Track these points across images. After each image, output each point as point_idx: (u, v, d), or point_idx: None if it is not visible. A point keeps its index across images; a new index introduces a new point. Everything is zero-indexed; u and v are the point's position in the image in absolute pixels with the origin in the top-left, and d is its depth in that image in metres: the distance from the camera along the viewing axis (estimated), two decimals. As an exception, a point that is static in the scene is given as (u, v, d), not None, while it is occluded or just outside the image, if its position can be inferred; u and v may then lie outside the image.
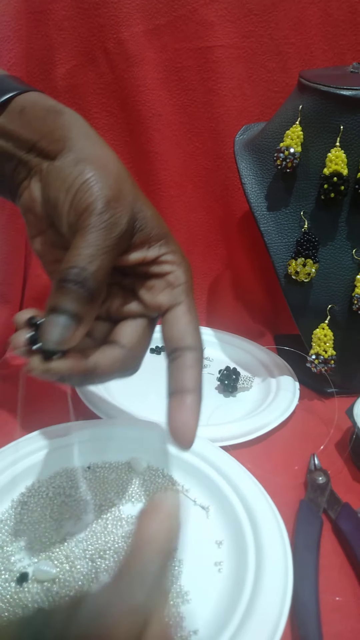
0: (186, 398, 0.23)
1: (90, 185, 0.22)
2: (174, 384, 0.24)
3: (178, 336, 0.24)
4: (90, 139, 0.25)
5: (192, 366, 0.24)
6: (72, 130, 0.25)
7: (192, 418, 0.23)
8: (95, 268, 0.21)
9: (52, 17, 0.49)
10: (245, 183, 0.45)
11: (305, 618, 0.26)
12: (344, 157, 0.41)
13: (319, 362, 0.43)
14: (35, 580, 0.28)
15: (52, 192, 0.24)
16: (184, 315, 0.25)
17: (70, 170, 0.23)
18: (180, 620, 0.26)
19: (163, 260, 0.25)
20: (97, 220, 0.22)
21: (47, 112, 0.25)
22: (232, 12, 0.51)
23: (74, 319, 0.21)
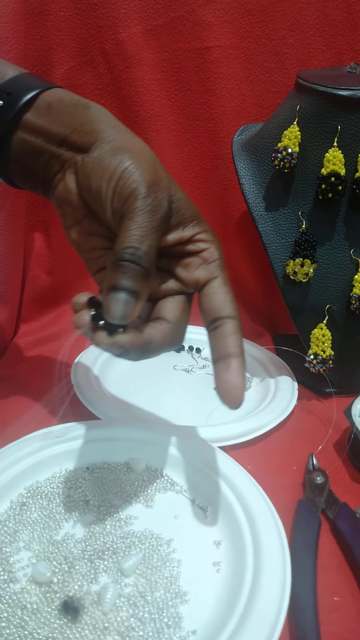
0: (232, 361, 0.25)
1: (132, 172, 0.24)
2: (218, 350, 0.26)
3: (218, 307, 0.26)
4: (120, 129, 0.26)
5: (234, 333, 0.26)
6: (101, 123, 0.26)
7: (240, 379, 0.25)
8: (147, 247, 0.23)
9: (50, 18, 0.49)
10: (243, 183, 0.45)
11: (303, 618, 0.26)
12: (341, 157, 0.41)
13: (318, 362, 0.43)
14: (33, 581, 0.28)
15: (93, 182, 0.25)
16: (221, 287, 0.27)
17: (110, 160, 0.25)
18: (179, 621, 0.26)
19: (197, 239, 0.27)
20: (142, 203, 0.24)
21: (75, 106, 0.26)
22: (230, 12, 0.51)
23: (133, 295, 0.23)
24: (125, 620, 0.26)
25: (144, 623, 0.26)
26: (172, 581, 0.28)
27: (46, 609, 0.26)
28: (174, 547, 0.30)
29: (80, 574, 0.28)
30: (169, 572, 0.29)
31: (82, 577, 0.28)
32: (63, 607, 0.26)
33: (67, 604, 0.26)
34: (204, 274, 0.27)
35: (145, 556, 0.30)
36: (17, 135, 0.27)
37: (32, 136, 0.27)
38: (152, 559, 0.29)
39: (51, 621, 0.26)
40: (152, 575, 0.28)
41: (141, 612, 0.26)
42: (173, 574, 0.29)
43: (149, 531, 0.31)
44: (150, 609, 0.27)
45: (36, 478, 0.34)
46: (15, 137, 0.27)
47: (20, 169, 0.28)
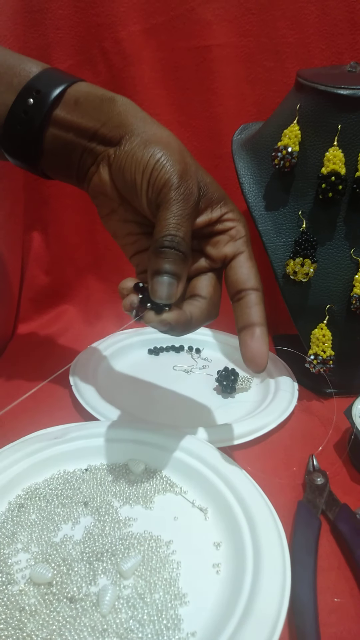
0: (256, 329, 0.28)
1: (163, 164, 0.26)
2: (243, 320, 0.28)
3: (243, 279, 0.28)
4: (147, 121, 0.28)
5: (258, 303, 0.28)
6: (129, 115, 0.27)
7: (263, 346, 0.27)
8: (183, 233, 0.26)
9: (49, 17, 0.49)
10: (243, 182, 0.45)
11: (303, 619, 0.26)
12: (341, 156, 0.41)
13: (318, 363, 0.43)
14: (31, 583, 0.27)
15: (128, 174, 0.27)
16: (247, 261, 0.29)
17: (142, 153, 0.26)
18: (178, 622, 0.26)
19: (225, 219, 0.29)
20: (176, 193, 0.25)
21: (101, 100, 0.28)
22: (230, 11, 0.51)
23: (175, 277, 0.25)
24: (124, 622, 0.26)
25: (143, 625, 0.26)
26: (172, 583, 0.28)
27: (45, 610, 0.26)
28: (174, 549, 0.30)
29: (79, 575, 0.28)
30: (168, 573, 0.29)
31: (80, 578, 0.28)
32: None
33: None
34: (231, 250, 0.29)
35: (145, 558, 0.29)
36: (50, 131, 0.28)
37: (63, 131, 0.28)
38: (151, 560, 0.29)
39: (50, 623, 0.25)
40: (151, 577, 0.28)
41: (140, 614, 0.26)
42: (172, 576, 0.28)
43: (148, 533, 0.31)
44: (150, 610, 0.26)
45: (34, 479, 0.34)
46: (47, 134, 0.28)
47: (54, 162, 0.29)
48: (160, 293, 0.25)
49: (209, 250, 0.30)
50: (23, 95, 0.28)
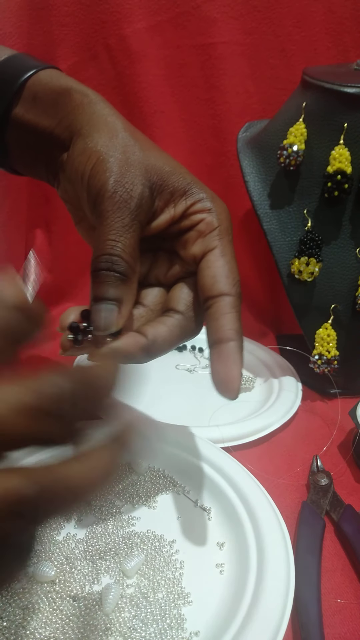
0: (225, 348, 0.22)
1: (97, 170, 0.22)
2: (212, 334, 0.23)
3: (210, 283, 0.23)
4: (97, 114, 0.24)
5: (227, 312, 0.23)
6: (81, 112, 0.24)
7: (234, 367, 0.22)
8: (119, 250, 0.22)
9: (53, 13, 0.49)
10: (248, 181, 0.45)
11: (307, 620, 0.26)
12: (347, 154, 0.40)
13: (322, 363, 0.43)
14: (34, 581, 0.27)
15: (72, 183, 0.24)
16: (217, 259, 0.23)
17: (80, 159, 0.23)
18: (182, 622, 0.26)
19: (192, 212, 0.24)
20: (109, 202, 0.22)
21: (58, 95, 0.24)
22: (235, 8, 0.50)
23: (114, 302, 0.22)
24: (127, 621, 0.26)
25: (146, 624, 0.26)
26: (175, 582, 0.28)
27: (47, 609, 0.26)
28: (177, 548, 0.30)
29: (82, 574, 0.28)
30: (171, 573, 0.29)
31: (83, 577, 0.28)
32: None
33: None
34: (199, 248, 0.24)
35: (148, 557, 0.29)
36: (10, 133, 0.25)
37: (24, 133, 0.25)
38: (154, 560, 0.29)
39: (53, 621, 0.25)
40: (154, 576, 0.28)
41: (143, 613, 0.26)
42: (176, 575, 0.28)
43: (151, 532, 0.31)
44: (153, 609, 0.26)
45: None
46: (8, 135, 0.25)
47: (22, 162, 0.27)
48: (97, 322, 0.22)
49: (179, 251, 0.25)
50: None
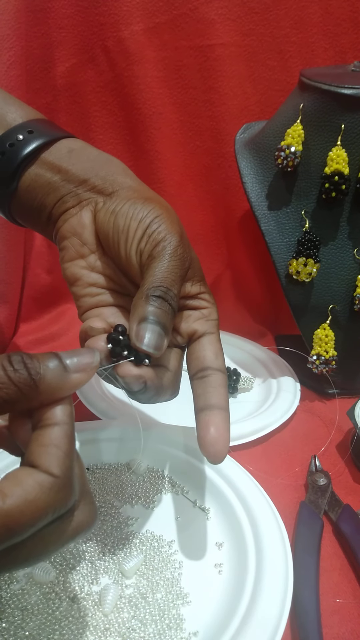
0: (217, 414, 0.25)
1: (164, 220, 0.26)
2: (204, 399, 0.25)
3: (210, 357, 0.26)
4: (141, 183, 0.28)
5: (222, 385, 0.26)
6: (125, 176, 0.28)
7: (225, 432, 0.24)
8: (176, 291, 0.25)
9: (51, 16, 0.49)
10: (246, 182, 0.45)
11: (305, 620, 0.26)
12: (345, 156, 0.40)
13: (320, 363, 0.43)
14: (33, 582, 0.27)
15: (122, 220, 0.26)
16: (216, 342, 0.27)
17: (142, 205, 0.26)
18: (180, 622, 0.26)
19: (201, 297, 0.28)
20: (174, 251, 0.25)
21: (97, 155, 0.29)
22: (233, 10, 0.51)
23: (164, 329, 0.23)
24: (126, 621, 0.26)
25: (145, 624, 0.26)
26: (174, 582, 0.28)
27: (47, 610, 0.26)
28: (175, 549, 0.30)
29: (81, 574, 0.28)
30: (170, 573, 0.29)
31: (82, 578, 0.28)
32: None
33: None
34: (202, 327, 0.27)
35: (147, 557, 0.29)
36: (32, 169, 0.28)
37: (50, 173, 0.28)
38: (153, 560, 0.29)
39: (52, 622, 0.25)
40: (153, 577, 0.28)
41: (142, 614, 0.26)
42: (174, 576, 0.28)
43: (150, 532, 0.31)
44: (152, 610, 0.26)
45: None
46: (29, 171, 0.28)
47: (25, 202, 0.29)
48: (149, 341, 0.23)
49: (177, 322, 0.28)
50: (16, 129, 0.28)
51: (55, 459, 0.18)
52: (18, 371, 0.18)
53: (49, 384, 0.19)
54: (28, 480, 0.17)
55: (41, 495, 0.17)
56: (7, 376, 0.18)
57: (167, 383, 0.26)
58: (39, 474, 0.18)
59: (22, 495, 0.17)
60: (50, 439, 0.19)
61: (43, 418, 0.19)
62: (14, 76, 0.47)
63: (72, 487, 0.19)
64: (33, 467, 0.18)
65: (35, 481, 0.18)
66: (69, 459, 0.19)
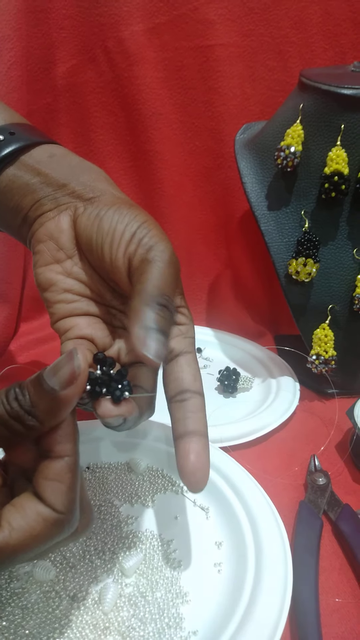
0: (197, 442, 0.24)
1: (152, 227, 0.25)
2: (183, 426, 0.25)
3: (188, 380, 0.25)
4: (123, 193, 0.27)
5: (200, 410, 0.25)
6: (106, 184, 0.27)
7: (205, 459, 0.24)
8: (173, 299, 0.24)
9: (52, 16, 0.49)
10: (245, 182, 0.45)
11: (304, 619, 0.26)
12: (344, 156, 0.41)
13: (320, 363, 0.43)
14: (33, 580, 0.28)
15: (107, 223, 0.25)
16: (193, 363, 0.26)
17: (129, 210, 0.25)
18: (180, 621, 0.26)
19: (181, 312, 0.27)
20: (170, 259, 0.24)
21: (78, 162, 0.28)
22: (233, 10, 0.51)
23: (166, 338, 0.22)
24: (126, 620, 0.26)
25: (144, 623, 0.26)
26: (173, 581, 0.28)
27: (47, 608, 0.26)
28: (175, 548, 0.30)
29: (81, 573, 0.28)
30: (169, 572, 0.29)
31: (82, 576, 0.28)
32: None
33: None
34: (179, 346, 0.26)
35: (146, 556, 0.29)
36: (10, 170, 0.27)
37: (28, 175, 0.27)
38: (152, 559, 0.29)
39: (52, 621, 0.26)
40: (152, 576, 0.28)
41: (142, 612, 0.26)
42: (174, 574, 0.29)
43: (149, 531, 0.31)
44: (151, 609, 0.27)
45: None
46: (7, 171, 0.27)
47: (1, 202, 0.28)
48: (151, 349, 0.21)
49: None
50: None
51: (60, 494, 0.19)
52: (14, 409, 0.19)
53: (44, 411, 0.19)
54: (33, 514, 0.19)
55: (44, 530, 0.18)
56: (7, 414, 0.19)
57: (144, 406, 0.25)
58: (44, 508, 0.19)
59: (27, 530, 0.18)
60: (55, 473, 0.19)
61: (47, 450, 0.20)
62: (14, 77, 0.47)
63: (75, 519, 0.19)
64: (38, 499, 0.19)
65: (40, 516, 0.18)
66: (73, 492, 0.19)
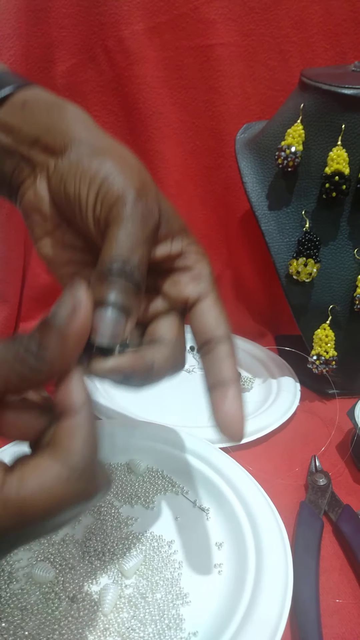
0: (229, 390, 0.23)
1: (117, 176, 0.22)
2: (213, 376, 0.23)
3: (211, 328, 0.24)
4: (98, 132, 0.24)
5: (229, 356, 0.23)
6: (78, 124, 0.24)
7: (240, 409, 0.23)
8: (138, 260, 0.21)
9: (52, 15, 0.49)
10: (246, 182, 0.45)
11: (305, 620, 0.26)
12: (345, 156, 0.40)
13: (320, 363, 0.43)
14: (33, 581, 0.27)
15: (71, 186, 0.23)
16: (213, 307, 0.24)
17: (90, 162, 0.22)
18: (180, 622, 0.26)
19: (186, 255, 0.24)
20: (132, 210, 0.21)
21: (50, 106, 0.24)
22: (233, 10, 0.51)
23: (123, 312, 0.20)
24: (125, 621, 0.26)
25: (144, 624, 0.26)
26: (173, 582, 0.28)
27: (46, 609, 0.26)
28: (175, 549, 0.30)
29: (81, 574, 0.28)
30: (170, 573, 0.29)
31: (82, 578, 0.28)
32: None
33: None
34: (195, 292, 0.24)
35: (146, 557, 0.29)
36: None
37: (2, 134, 0.24)
38: (152, 560, 0.29)
39: (51, 622, 0.25)
40: (152, 577, 0.28)
41: (142, 614, 0.26)
42: (174, 576, 0.28)
43: (149, 532, 0.31)
44: (151, 610, 0.26)
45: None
46: None
47: None
48: (102, 330, 0.20)
49: (168, 289, 0.25)
50: None
51: (78, 444, 0.17)
52: (22, 351, 0.17)
53: (52, 350, 0.17)
54: (47, 468, 0.16)
55: (65, 486, 0.16)
56: (15, 357, 0.17)
57: (165, 357, 0.23)
58: (63, 461, 0.17)
59: (39, 483, 0.16)
60: (70, 426, 0.17)
61: (60, 403, 0.18)
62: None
63: (95, 478, 0.17)
64: (54, 456, 0.17)
65: (55, 469, 0.16)
66: (90, 446, 0.17)
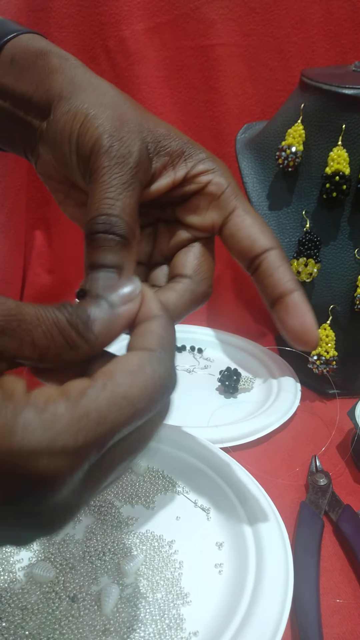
0: (293, 299, 0.22)
1: (88, 125, 0.21)
2: (270, 291, 0.22)
3: (249, 243, 0.22)
4: (80, 76, 0.23)
5: (281, 265, 0.22)
6: (60, 74, 0.22)
7: (307, 315, 0.22)
8: (119, 210, 0.20)
9: (52, 15, 0.49)
10: (246, 182, 0.45)
11: (305, 620, 0.26)
12: (346, 156, 0.40)
13: (321, 363, 0.43)
14: (33, 581, 0.27)
15: (58, 149, 0.22)
16: (244, 219, 0.23)
17: (65, 119, 0.21)
18: (181, 622, 0.26)
19: (195, 174, 0.23)
20: (105, 158, 0.20)
21: (36, 57, 0.23)
22: (234, 10, 0.51)
23: (113, 270, 0.20)
24: (126, 621, 0.26)
25: (145, 624, 0.26)
26: (174, 582, 0.28)
27: (46, 609, 0.26)
28: (176, 549, 0.30)
29: (81, 574, 0.28)
30: (170, 573, 0.29)
31: (82, 577, 0.28)
32: None
33: None
34: (218, 214, 0.22)
35: (147, 557, 0.29)
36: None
37: (1, 99, 0.23)
38: (153, 560, 0.29)
39: (51, 622, 0.25)
40: (153, 577, 0.28)
41: (142, 614, 0.26)
42: (175, 575, 0.28)
43: (150, 532, 0.31)
44: (152, 610, 0.26)
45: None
46: None
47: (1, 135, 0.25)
48: (95, 293, 0.19)
49: (189, 219, 0.23)
50: None
51: (157, 330, 0.16)
52: (74, 317, 0.16)
53: (101, 324, 0.16)
54: (128, 358, 0.16)
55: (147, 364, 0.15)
56: (67, 320, 0.16)
57: (181, 295, 0.22)
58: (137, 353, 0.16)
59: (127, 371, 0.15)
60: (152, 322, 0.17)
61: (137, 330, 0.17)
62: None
63: (173, 366, 0.16)
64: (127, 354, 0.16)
65: (136, 356, 0.16)
66: (170, 336, 0.17)
